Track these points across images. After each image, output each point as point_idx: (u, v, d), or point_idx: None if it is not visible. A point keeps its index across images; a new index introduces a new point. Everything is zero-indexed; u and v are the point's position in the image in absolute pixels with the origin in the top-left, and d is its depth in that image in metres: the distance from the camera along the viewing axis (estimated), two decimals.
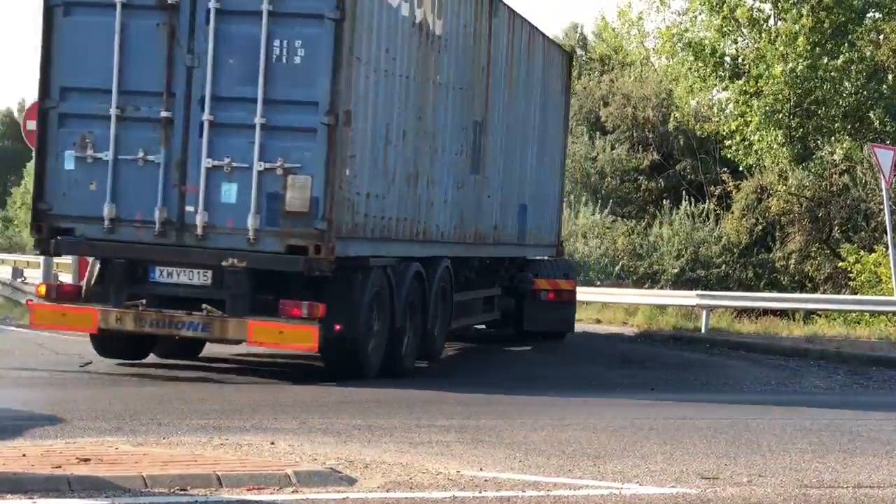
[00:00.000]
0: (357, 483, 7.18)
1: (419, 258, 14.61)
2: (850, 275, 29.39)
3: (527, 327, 19.89)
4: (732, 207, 33.88)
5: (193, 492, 6.67)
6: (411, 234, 14.34)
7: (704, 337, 23.06)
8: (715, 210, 33.95)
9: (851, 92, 32.29)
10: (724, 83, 32.95)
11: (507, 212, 18.10)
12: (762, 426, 11.08)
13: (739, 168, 33.90)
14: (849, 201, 31.90)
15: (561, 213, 18.42)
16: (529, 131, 18.95)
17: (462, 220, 16.13)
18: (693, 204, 33.67)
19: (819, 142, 32.34)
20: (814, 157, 31.86)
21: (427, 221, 14.79)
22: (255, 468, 7.25)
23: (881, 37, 33.53)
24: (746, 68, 32.32)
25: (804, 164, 31.82)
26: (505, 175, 17.82)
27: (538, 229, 19.78)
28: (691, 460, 8.67)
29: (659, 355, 19.32)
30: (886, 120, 32.07)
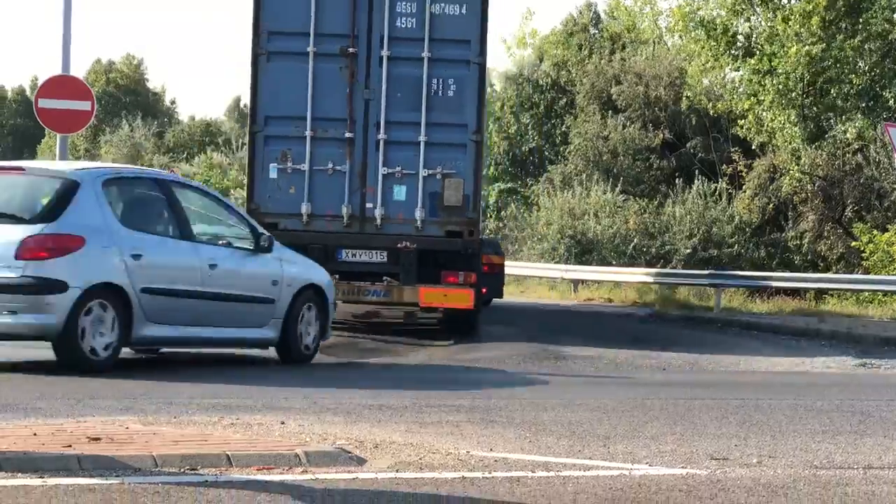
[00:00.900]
0: (367, 463, 7.18)
1: None
2: (863, 254, 29.32)
3: None
4: (745, 187, 33.81)
5: (203, 471, 6.68)
6: None
7: (716, 316, 23.05)
8: (727, 189, 33.87)
9: (865, 70, 32.15)
10: (738, 62, 32.83)
11: None
12: (773, 406, 11.07)
13: (752, 147, 33.81)
14: (862, 180, 31.79)
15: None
16: None
17: None
18: (705, 183, 33.60)
19: (832, 121, 32.22)
20: (827, 136, 31.74)
21: None
22: (265, 448, 7.25)
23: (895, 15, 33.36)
24: (759, 47, 32.19)
25: (817, 144, 31.72)
26: None
27: None
28: (701, 441, 8.65)
29: (670, 335, 19.31)
30: None
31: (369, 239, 16.18)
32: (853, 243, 30.11)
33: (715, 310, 24.52)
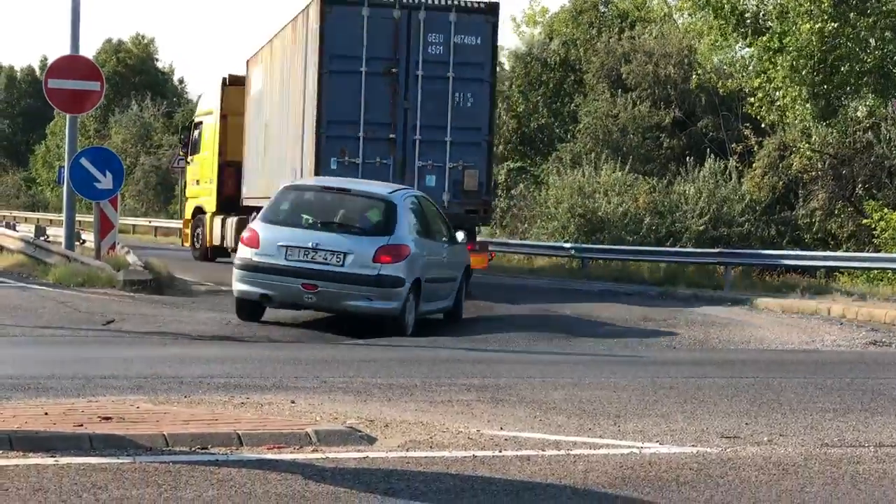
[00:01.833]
0: (377, 442, 7.20)
1: None
2: (874, 232, 29.23)
3: None
4: (755, 165, 33.71)
5: (214, 450, 6.70)
6: None
7: (726, 295, 23.02)
8: (737, 167, 33.78)
9: (877, 48, 31.99)
10: (748, 39, 32.68)
11: None
12: (783, 385, 11.06)
13: (762, 125, 33.69)
14: (873, 158, 31.67)
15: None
16: None
17: None
18: (715, 161, 33.52)
19: (843, 98, 32.08)
20: (838, 114, 31.61)
21: None
22: (276, 427, 7.27)
23: None
24: (769, 24, 32.04)
25: (828, 121, 31.59)
26: None
27: None
28: (712, 419, 8.66)
29: (680, 313, 19.29)
30: None
31: None
32: (864, 221, 30.00)
33: (725, 288, 24.48)
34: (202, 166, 28.91)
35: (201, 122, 29.12)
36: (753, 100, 33.00)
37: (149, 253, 24.80)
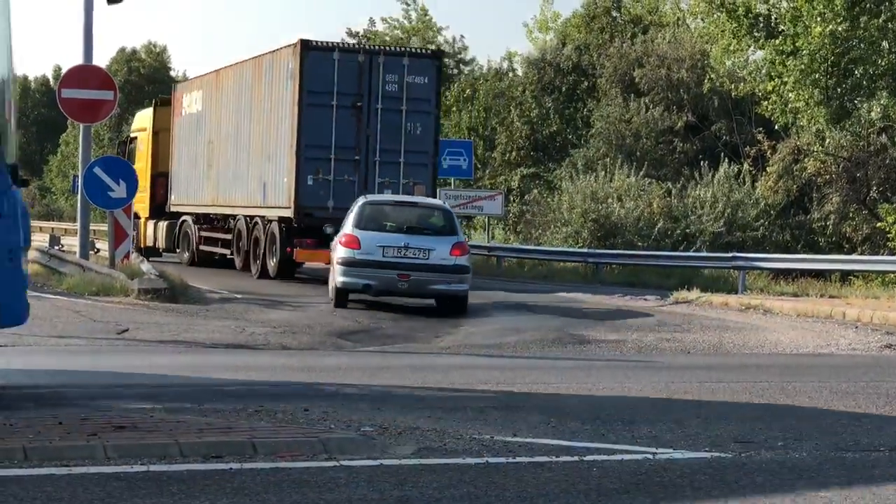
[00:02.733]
0: (391, 449, 7.19)
1: None
2: (889, 235, 29.14)
3: None
4: (769, 169, 33.65)
5: (228, 459, 6.71)
6: None
7: (740, 299, 22.96)
8: (751, 171, 33.71)
9: (890, 50, 31.88)
10: (760, 42, 32.60)
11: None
12: (798, 389, 11.03)
13: (775, 128, 33.61)
14: (887, 161, 31.58)
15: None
16: None
17: None
18: (729, 164, 33.47)
19: (856, 101, 32.00)
20: (851, 117, 31.51)
21: None
22: (289, 435, 7.27)
23: None
24: (782, 27, 31.98)
25: (841, 124, 31.50)
26: None
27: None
28: (726, 424, 8.63)
29: (695, 318, 19.25)
30: None
31: None
32: (878, 224, 29.92)
33: (739, 292, 24.43)
34: (137, 176, 29.77)
35: (136, 137, 32.15)
36: (767, 103, 32.94)
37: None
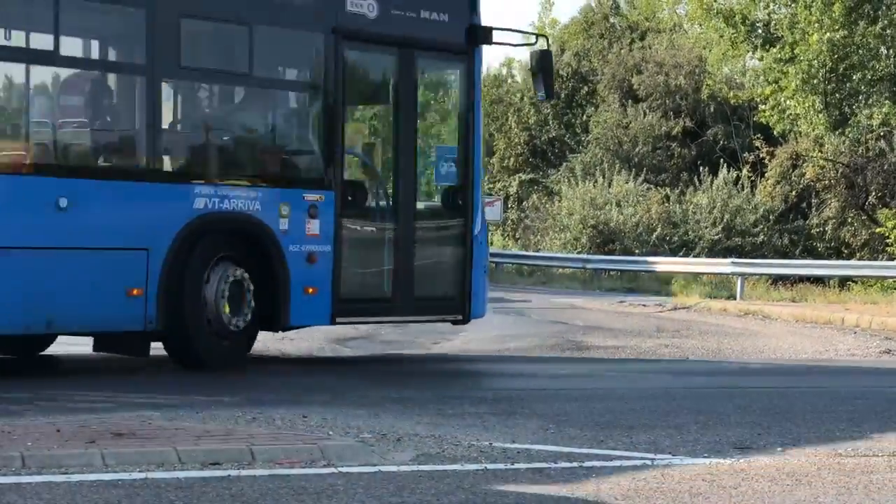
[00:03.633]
0: (389, 456, 7.19)
1: None
2: (888, 240, 29.17)
3: None
4: (767, 174, 33.69)
5: (227, 466, 6.70)
6: None
7: (739, 305, 22.98)
8: (749, 177, 33.76)
9: (888, 56, 31.90)
10: (759, 52, 32.62)
11: None
12: (796, 394, 11.03)
13: (773, 134, 33.66)
14: (886, 167, 31.62)
15: None
16: None
17: None
18: (728, 170, 33.52)
19: (854, 107, 32.01)
20: (850, 123, 31.53)
21: None
22: (288, 442, 7.27)
23: None
24: (780, 34, 32.00)
25: (840, 130, 31.53)
26: None
27: None
28: (725, 430, 8.63)
29: (694, 323, 19.26)
30: None
31: None
32: (877, 229, 29.94)
33: (738, 298, 24.44)
34: None
35: None
36: (765, 108, 32.94)
37: None
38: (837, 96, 31.73)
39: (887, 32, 31.14)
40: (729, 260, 27.04)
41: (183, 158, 11.18)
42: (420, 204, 12.43)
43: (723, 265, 26.69)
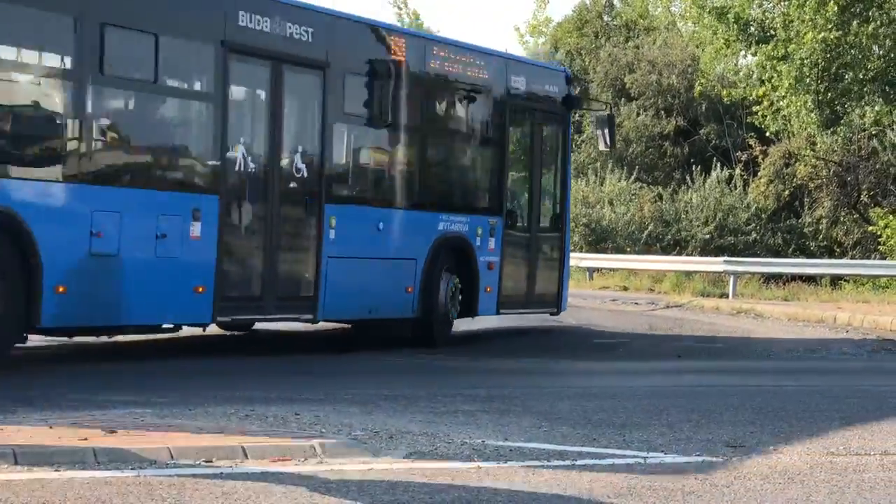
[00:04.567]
0: (382, 454, 7.19)
1: None
2: (880, 239, 29.21)
3: None
4: (760, 173, 33.72)
5: (219, 463, 6.70)
6: None
7: (731, 303, 23.01)
8: (742, 176, 33.79)
9: (880, 55, 31.93)
10: (752, 48, 32.64)
11: None
12: (789, 393, 11.05)
13: (766, 133, 33.69)
14: (878, 166, 31.66)
15: None
16: None
17: None
18: (721, 169, 33.54)
19: (847, 106, 32.05)
20: (842, 122, 31.57)
21: None
22: (281, 439, 7.27)
23: None
24: (774, 32, 32.02)
25: (832, 129, 31.56)
26: None
27: None
28: (717, 428, 8.65)
29: (686, 322, 19.28)
30: None
31: None
32: (869, 228, 29.99)
33: (730, 296, 24.47)
34: None
35: None
36: (758, 108, 32.97)
37: None
38: (830, 95, 31.77)
39: (880, 32, 31.18)
40: (721, 258, 27.07)
41: (434, 195, 14.80)
42: (542, 225, 16.49)
43: (715, 264, 26.71)
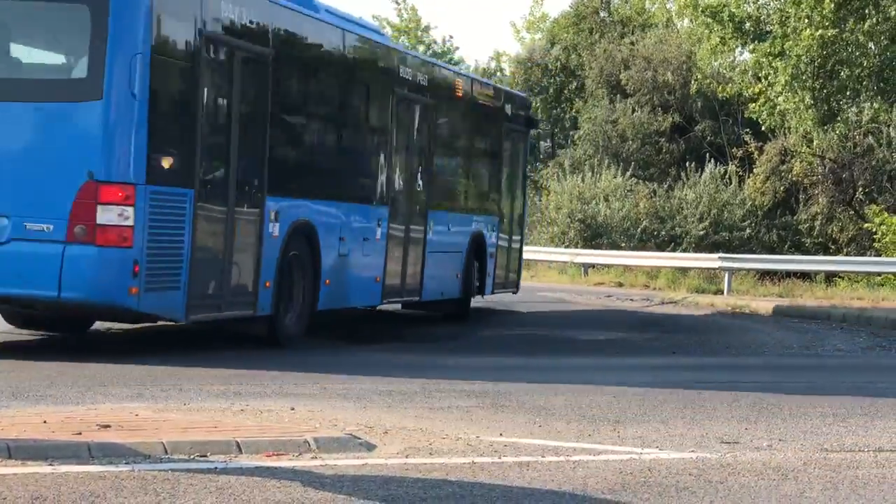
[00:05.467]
0: (376, 449, 7.19)
1: None
2: (875, 236, 29.23)
3: None
4: (756, 170, 33.72)
5: (213, 458, 6.69)
6: None
7: (727, 300, 23.02)
8: (737, 172, 33.79)
9: (876, 53, 31.94)
10: (749, 46, 32.63)
11: None
12: (783, 389, 11.06)
13: (762, 129, 33.69)
14: (873, 163, 31.67)
15: None
16: None
17: None
18: (716, 165, 33.54)
19: (843, 103, 32.06)
20: (838, 119, 31.57)
21: None
22: (275, 434, 7.26)
23: None
24: (769, 29, 32.03)
25: (828, 126, 31.56)
26: None
27: None
28: (712, 424, 8.65)
29: (680, 318, 19.29)
30: None
31: None
32: (865, 225, 30.00)
33: (725, 293, 24.48)
34: None
35: None
36: (754, 105, 32.97)
37: None
38: (826, 92, 31.78)
39: (876, 29, 31.19)
40: (716, 255, 27.08)
41: (470, 201, 18.73)
42: (514, 223, 20.08)
43: (710, 260, 26.72)
